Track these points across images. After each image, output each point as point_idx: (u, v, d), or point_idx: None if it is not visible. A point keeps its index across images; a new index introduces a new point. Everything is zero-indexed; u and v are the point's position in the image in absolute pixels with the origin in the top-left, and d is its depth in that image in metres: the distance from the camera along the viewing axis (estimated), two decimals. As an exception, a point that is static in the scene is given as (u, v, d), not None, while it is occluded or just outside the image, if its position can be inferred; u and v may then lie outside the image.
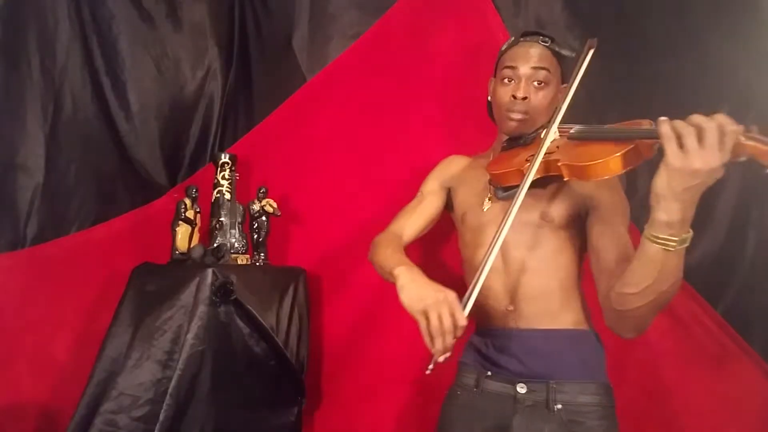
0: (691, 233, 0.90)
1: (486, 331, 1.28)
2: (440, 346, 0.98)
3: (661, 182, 0.86)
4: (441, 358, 0.99)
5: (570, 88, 1.14)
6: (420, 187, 1.45)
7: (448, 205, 1.44)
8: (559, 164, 1.06)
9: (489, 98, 1.36)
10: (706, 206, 1.76)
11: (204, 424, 1.37)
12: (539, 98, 1.23)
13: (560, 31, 1.86)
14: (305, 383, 1.65)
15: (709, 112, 0.86)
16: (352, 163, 1.89)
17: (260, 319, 1.48)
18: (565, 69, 1.28)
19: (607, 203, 1.19)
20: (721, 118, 0.82)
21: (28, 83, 1.72)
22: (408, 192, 1.47)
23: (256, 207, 1.75)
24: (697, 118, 0.83)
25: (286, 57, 2.01)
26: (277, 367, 1.56)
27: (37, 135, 1.71)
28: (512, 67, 1.24)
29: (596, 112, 1.84)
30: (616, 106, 1.70)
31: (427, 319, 0.99)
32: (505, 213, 1.08)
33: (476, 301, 1.06)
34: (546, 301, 1.19)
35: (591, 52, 1.13)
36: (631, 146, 0.95)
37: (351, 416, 1.77)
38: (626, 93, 1.75)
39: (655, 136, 0.89)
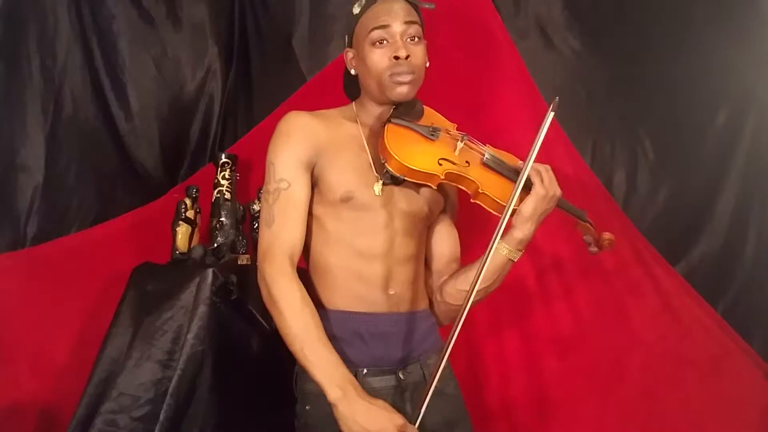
0: (521, 253, 1.12)
1: (358, 317, 1.12)
2: None
3: (529, 207, 1.08)
4: None
5: (536, 141, 1.06)
6: (274, 171, 1.09)
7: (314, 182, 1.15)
8: (480, 191, 1.11)
9: (351, 70, 1.19)
10: (706, 206, 1.80)
11: (204, 424, 1.37)
12: (419, 55, 1.11)
13: (560, 31, 1.86)
14: (305, 383, 1.65)
15: (709, 112, 0.87)
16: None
17: (260, 319, 1.48)
18: (423, 23, 1.15)
19: (454, 210, 1.29)
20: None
21: (28, 83, 1.72)
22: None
23: (256, 207, 1.75)
24: (537, 165, 1.09)
25: (286, 57, 2.01)
26: (277, 367, 1.56)
27: (37, 135, 1.72)
28: (383, 26, 1.09)
29: (596, 112, 1.85)
30: (616, 106, 1.70)
31: None
32: (394, 200, 1.14)
33: (348, 286, 1.10)
34: (418, 284, 1.21)
35: (552, 114, 1.04)
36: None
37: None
38: (626, 93, 1.75)
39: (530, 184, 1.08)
